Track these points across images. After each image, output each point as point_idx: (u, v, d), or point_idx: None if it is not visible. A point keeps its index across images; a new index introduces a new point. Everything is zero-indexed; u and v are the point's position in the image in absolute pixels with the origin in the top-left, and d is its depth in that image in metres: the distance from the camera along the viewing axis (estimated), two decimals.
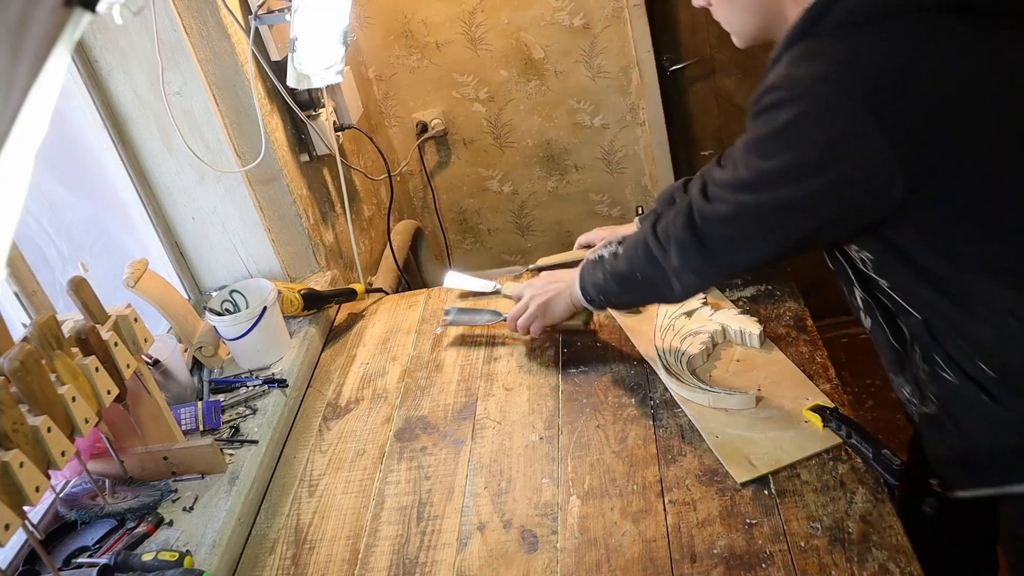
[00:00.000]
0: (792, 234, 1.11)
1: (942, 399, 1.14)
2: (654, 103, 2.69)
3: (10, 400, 1.02)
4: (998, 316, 1.05)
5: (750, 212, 1.10)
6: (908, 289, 1.11)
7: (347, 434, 1.52)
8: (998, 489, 1.14)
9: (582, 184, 2.88)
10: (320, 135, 1.94)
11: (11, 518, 0.99)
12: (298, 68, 1.74)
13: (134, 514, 1.32)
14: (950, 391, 1.12)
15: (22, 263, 1.35)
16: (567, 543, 1.17)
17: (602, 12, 2.57)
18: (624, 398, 1.41)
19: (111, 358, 1.23)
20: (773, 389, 1.33)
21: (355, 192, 2.28)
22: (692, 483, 1.21)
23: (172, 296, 1.61)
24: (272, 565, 1.28)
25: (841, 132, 1.00)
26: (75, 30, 0.43)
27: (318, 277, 1.93)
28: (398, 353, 1.71)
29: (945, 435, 1.16)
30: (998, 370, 1.06)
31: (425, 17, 2.61)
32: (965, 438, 1.13)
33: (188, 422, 1.48)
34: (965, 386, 1.09)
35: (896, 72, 0.99)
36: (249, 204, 1.81)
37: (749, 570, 1.07)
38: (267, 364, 1.67)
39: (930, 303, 1.09)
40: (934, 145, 0.99)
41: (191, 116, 1.70)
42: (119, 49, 1.63)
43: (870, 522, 1.09)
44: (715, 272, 1.21)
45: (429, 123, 2.77)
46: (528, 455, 1.35)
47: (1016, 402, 1.06)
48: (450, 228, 3.01)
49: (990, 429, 1.10)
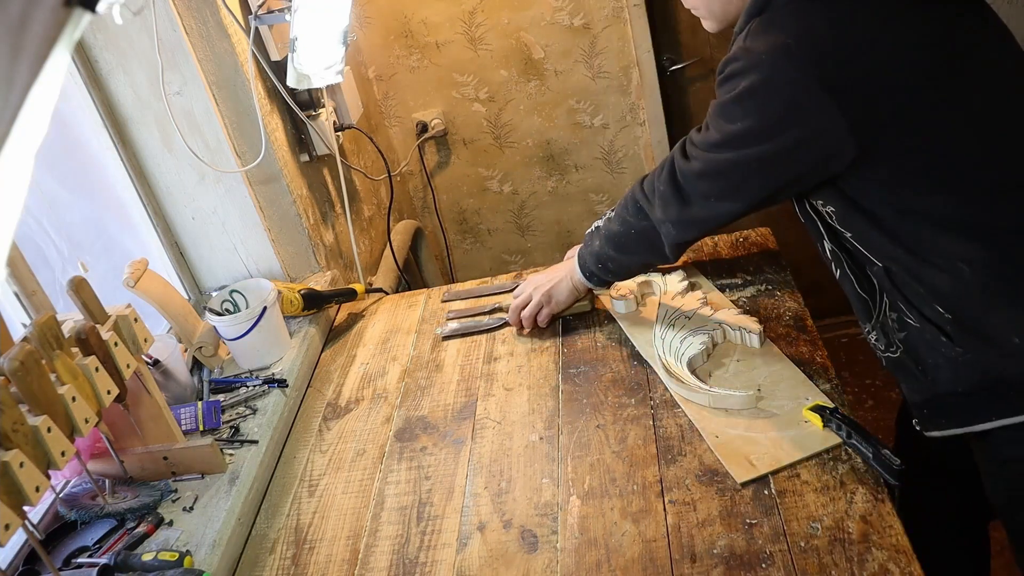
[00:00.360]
0: (757, 189, 1.22)
1: (907, 343, 1.22)
2: (654, 103, 2.68)
3: (10, 400, 1.02)
4: (949, 263, 1.13)
5: (719, 168, 1.22)
6: (868, 240, 1.20)
7: (347, 434, 1.52)
8: (966, 428, 1.20)
9: (582, 184, 2.88)
10: (320, 135, 1.94)
11: (11, 518, 0.99)
12: (298, 68, 1.74)
13: (134, 514, 1.32)
14: (913, 335, 1.20)
15: (22, 263, 1.35)
16: (567, 543, 1.17)
17: (602, 12, 2.57)
18: (624, 398, 1.41)
19: (111, 358, 1.23)
20: (773, 389, 1.33)
21: (355, 192, 2.28)
22: (692, 483, 1.21)
23: (172, 296, 1.61)
24: (272, 565, 1.28)
25: (793, 99, 1.10)
26: (75, 30, 0.43)
27: (318, 277, 1.93)
28: (398, 353, 1.71)
29: (912, 379, 1.24)
30: (953, 312, 1.15)
31: (425, 17, 2.61)
32: (930, 381, 1.21)
33: (188, 422, 1.48)
34: (926, 328, 1.18)
35: (843, 43, 1.09)
36: (249, 204, 1.81)
37: (749, 570, 1.07)
38: (267, 364, 1.67)
39: (888, 252, 1.18)
40: (880, 110, 1.08)
41: (191, 116, 1.70)
42: (119, 49, 1.63)
43: (870, 522, 1.09)
44: (693, 222, 1.30)
45: (429, 123, 2.77)
46: (528, 455, 1.35)
47: (972, 342, 1.14)
48: (450, 228, 3.01)
49: (952, 370, 1.17)
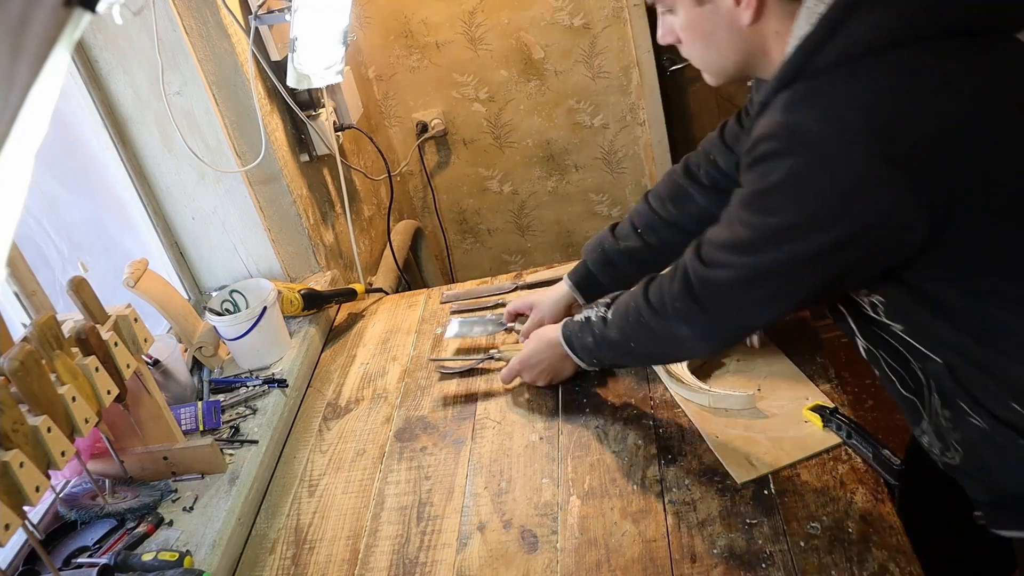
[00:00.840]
0: (803, 290, 1.04)
1: (968, 446, 1.07)
2: (654, 103, 2.69)
3: (10, 400, 1.02)
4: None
5: (754, 274, 1.02)
6: (927, 331, 1.04)
7: (347, 434, 1.52)
8: None
9: (582, 184, 2.88)
10: (320, 135, 1.94)
11: (11, 518, 0.99)
12: (298, 68, 1.74)
13: (134, 514, 1.32)
14: (978, 437, 1.05)
15: (22, 263, 1.35)
16: (567, 543, 1.17)
17: (602, 12, 2.57)
18: (624, 398, 1.41)
19: (111, 358, 1.23)
20: (773, 389, 1.33)
21: (355, 192, 2.28)
22: (692, 483, 1.21)
23: (172, 296, 1.61)
24: (272, 565, 1.28)
25: (852, 179, 0.92)
26: (75, 30, 0.43)
27: (318, 277, 1.93)
28: (398, 353, 1.71)
29: (974, 482, 1.11)
30: None
31: (425, 17, 2.61)
32: (995, 483, 1.08)
33: (188, 422, 1.48)
34: (997, 430, 1.02)
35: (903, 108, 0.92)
36: (249, 204, 1.81)
37: (749, 570, 1.07)
38: (267, 364, 1.67)
39: (953, 344, 1.02)
40: (952, 179, 0.92)
41: (191, 116, 1.70)
42: (119, 49, 1.63)
43: (870, 522, 1.09)
44: (723, 337, 1.16)
45: (429, 123, 2.77)
46: (528, 455, 1.35)
47: None
48: (450, 228, 3.01)
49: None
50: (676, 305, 1.12)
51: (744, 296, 1.05)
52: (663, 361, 1.38)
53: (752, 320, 1.11)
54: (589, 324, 1.32)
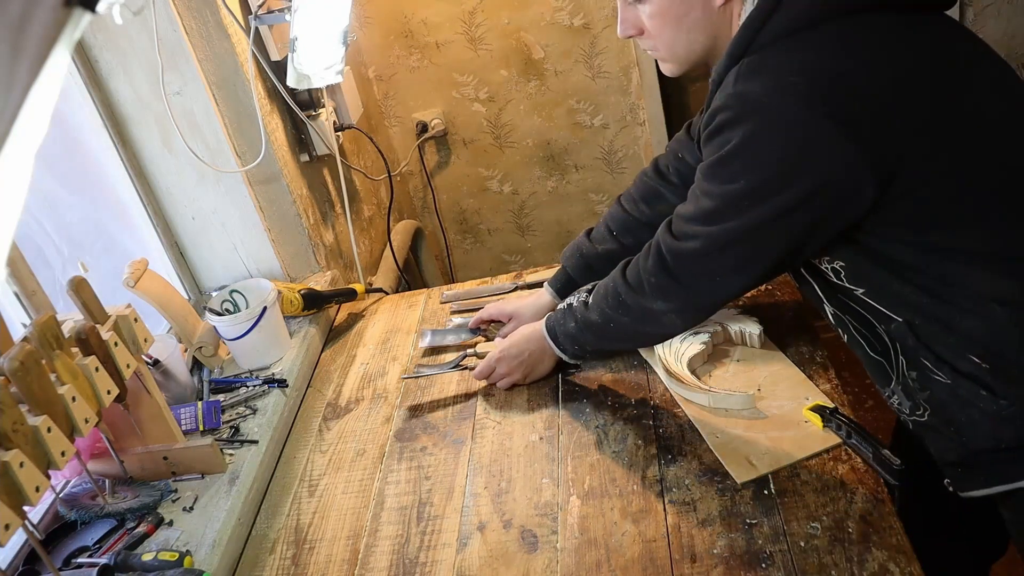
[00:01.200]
0: (769, 255, 1.09)
1: (935, 403, 1.11)
2: (654, 103, 2.69)
3: (10, 400, 1.02)
4: (982, 304, 1.03)
5: (724, 240, 1.07)
6: (886, 292, 1.09)
7: (347, 434, 1.52)
8: (1007, 486, 1.11)
9: (582, 184, 2.88)
10: (320, 135, 1.94)
11: (11, 518, 0.99)
12: (298, 68, 1.74)
13: (134, 514, 1.32)
14: (943, 394, 1.09)
15: (22, 263, 1.35)
16: (567, 543, 1.17)
17: (602, 12, 2.57)
18: (624, 398, 1.41)
19: (111, 358, 1.23)
20: (773, 389, 1.33)
21: (355, 192, 2.28)
22: (692, 483, 1.21)
23: (172, 296, 1.61)
24: (272, 565, 1.28)
25: (802, 142, 0.99)
26: (75, 30, 0.43)
27: (318, 277, 1.93)
28: (398, 353, 1.71)
29: (942, 439, 1.14)
30: (991, 361, 1.04)
31: (425, 17, 2.61)
32: (963, 440, 1.11)
33: (188, 422, 1.48)
34: (959, 384, 1.07)
35: (846, 73, 0.99)
36: (249, 204, 1.81)
37: (749, 570, 1.07)
38: (267, 364, 1.67)
39: (911, 303, 1.07)
40: (895, 139, 0.98)
41: (191, 116, 1.70)
42: (119, 49, 1.63)
43: (870, 522, 1.09)
44: (697, 308, 1.20)
45: (429, 123, 2.77)
46: (528, 455, 1.35)
47: (1015, 392, 1.05)
48: (450, 228, 3.01)
49: (990, 426, 1.07)
50: (652, 280, 1.17)
51: (714, 265, 1.11)
52: (642, 340, 1.38)
53: (725, 288, 1.15)
54: (571, 309, 1.36)
